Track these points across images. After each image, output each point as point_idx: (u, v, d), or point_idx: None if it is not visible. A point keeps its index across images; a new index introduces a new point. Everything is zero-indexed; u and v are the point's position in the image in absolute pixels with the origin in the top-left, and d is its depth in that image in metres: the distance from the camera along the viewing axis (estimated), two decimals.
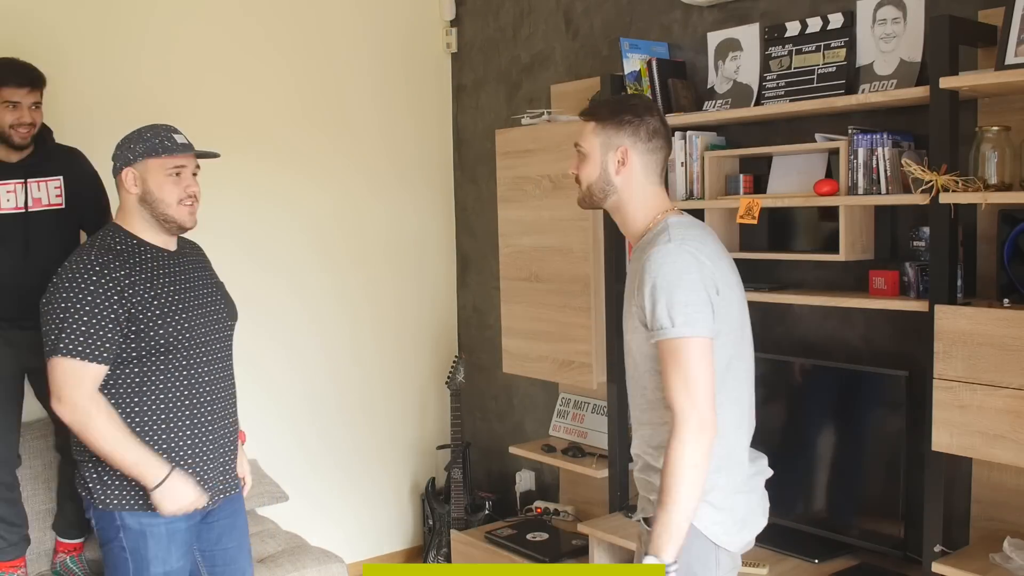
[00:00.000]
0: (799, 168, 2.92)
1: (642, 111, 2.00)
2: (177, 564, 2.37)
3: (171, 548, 2.34)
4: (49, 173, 2.99)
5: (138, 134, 2.32)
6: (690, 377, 1.83)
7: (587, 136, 2.02)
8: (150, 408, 2.28)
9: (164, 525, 2.31)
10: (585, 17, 3.80)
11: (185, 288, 2.36)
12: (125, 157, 2.30)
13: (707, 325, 1.85)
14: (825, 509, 2.94)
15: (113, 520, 2.31)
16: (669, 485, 1.82)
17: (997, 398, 2.27)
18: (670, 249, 1.88)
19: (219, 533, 2.50)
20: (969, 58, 2.54)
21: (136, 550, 2.31)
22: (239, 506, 2.55)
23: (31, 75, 2.90)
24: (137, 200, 2.31)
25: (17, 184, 2.93)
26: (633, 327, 1.96)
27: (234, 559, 2.54)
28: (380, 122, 4.27)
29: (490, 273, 4.30)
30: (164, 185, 2.28)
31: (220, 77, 3.80)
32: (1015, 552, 2.38)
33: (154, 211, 2.31)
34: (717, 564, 1.94)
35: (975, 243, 2.58)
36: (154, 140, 2.29)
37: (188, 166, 2.33)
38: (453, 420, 4.05)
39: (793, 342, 3.10)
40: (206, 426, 2.36)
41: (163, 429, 2.30)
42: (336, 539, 4.04)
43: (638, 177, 2.00)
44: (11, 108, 2.85)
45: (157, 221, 2.32)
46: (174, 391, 2.30)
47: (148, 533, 2.30)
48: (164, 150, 2.28)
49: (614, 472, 3.42)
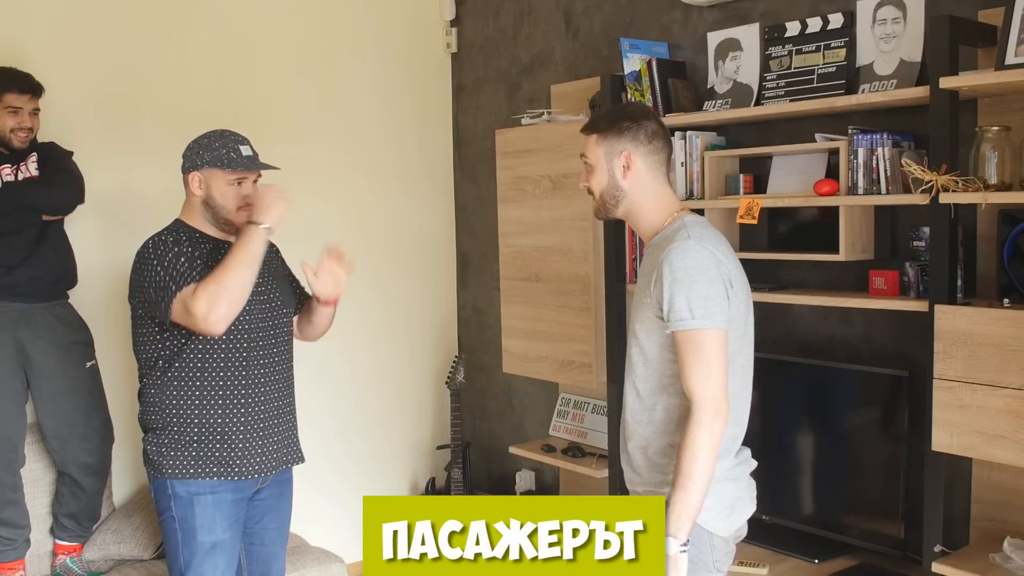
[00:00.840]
0: (799, 168, 2.92)
1: (638, 116, 2.11)
2: (224, 535, 2.45)
3: (216, 518, 2.44)
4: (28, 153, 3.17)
5: (208, 141, 2.45)
6: (709, 366, 1.93)
7: (591, 148, 2.13)
8: (210, 384, 2.42)
9: (210, 494, 2.43)
10: (585, 17, 3.80)
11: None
12: (193, 161, 2.45)
13: (724, 317, 1.95)
14: (825, 509, 2.94)
15: (166, 489, 2.44)
16: (688, 468, 1.90)
17: (997, 398, 2.27)
18: (690, 245, 1.97)
19: (263, 512, 2.60)
20: (969, 58, 2.54)
21: (184, 519, 2.43)
22: (286, 490, 2.66)
23: (31, 83, 3.10)
24: (201, 202, 2.46)
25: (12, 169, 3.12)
26: (644, 317, 2.04)
27: (272, 541, 2.64)
28: (380, 122, 4.26)
29: (490, 273, 4.30)
30: (226, 194, 2.44)
31: (219, 77, 3.80)
32: (1015, 552, 2.38)
33: (215, 215, 2.46)
34: (712, 548, 2.02)
35: (975, 243, 2.58)
36: (221, 151, 2.43)
37: (249, 176, 2.48)
38: (453, 420, 4.05)
39: (793, 342, 3.10)
40: (260, 405, 2.49)
41: (220, 405, 2.43)
42: (336, 539, 4.03)
43: (644, 178, 2.10)
44: (13, 114, 3.06)
45: (217, 222, 2.48)
46: (233, 370, 2.44)
47: (195, 502, 2.42)
48: (230, 163, 2.43)
49: (614, 472, 3.41)
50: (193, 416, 2.41)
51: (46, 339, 3.10)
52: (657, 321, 2.00)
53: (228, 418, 2.43)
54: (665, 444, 2.05)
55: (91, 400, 3.20)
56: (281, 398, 2.57)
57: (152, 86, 3.64)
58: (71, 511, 3.20)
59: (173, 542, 2.45)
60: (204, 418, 2.42)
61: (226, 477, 2.43)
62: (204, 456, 2.41)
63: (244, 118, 3.83)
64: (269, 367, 2.52)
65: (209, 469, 2.42)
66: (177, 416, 2.42)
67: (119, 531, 3.29)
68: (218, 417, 2.43)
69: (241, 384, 2.45)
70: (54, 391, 3.12)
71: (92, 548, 3.27)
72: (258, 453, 2.48)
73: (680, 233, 2.01)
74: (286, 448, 2.57)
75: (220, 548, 2.45)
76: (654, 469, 2.07)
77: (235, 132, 2.50)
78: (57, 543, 3.25)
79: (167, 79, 3.67)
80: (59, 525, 3.23)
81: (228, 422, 2.43)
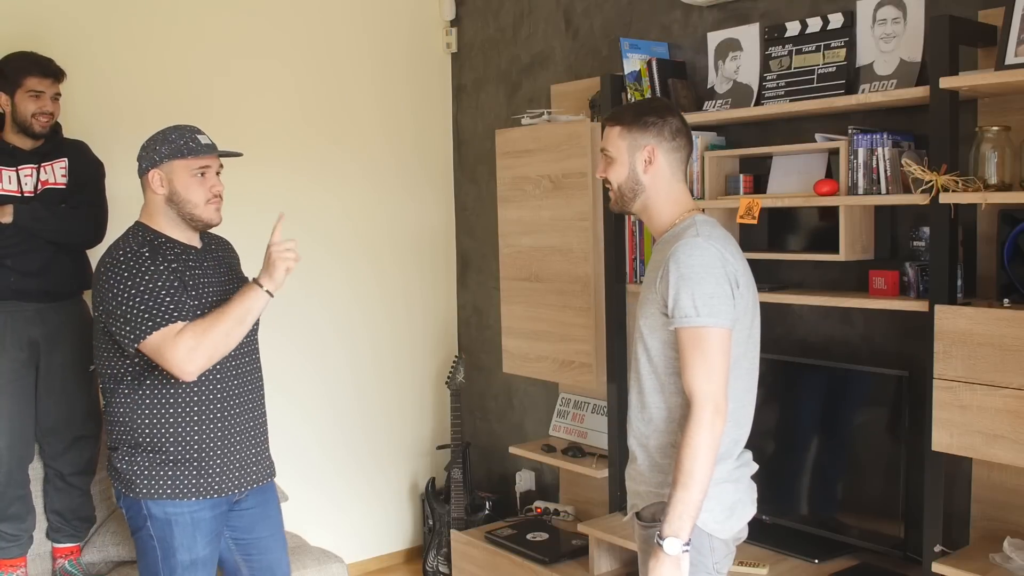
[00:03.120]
0: (799, 168, 2.92)
1: (664, 112, 2.10)
2: (203, 552, 2.40)
3: (196, 536, 2.38)
4: (57, 156, 3.14)
5: (163, 136, 2.36)
6: (711, 364, 1.92)
7: (613, 140, 2.11)
8: (184, 401, 2.34)
9: (188, 514, 2.36)
10: (585, 17, 3.80)
11: (211, 283, 2.42)
12: (151, 159, 2.35)
13: (729, 317, 1.94)
14: (825, 509, 2.94)
15: (140, 509, 2.36)
16: (688, 467, 1.89)
17: (997, 398, 2.27)
18: (699, 243, 1.97)
19: (251, 521, 2.54)
20: (969, 58, 2.54)
21: (163, 538, 2.36)
22: (270, 496, 2.60)
23: (53, 68, 3.09)
24: (164, 200, 2.35)
25: (33, 169, 3.09)
26: (649, 313, 2.03)
27: (269, 548, 2.58)
28: (380, 122, 4.27)
29: (490, 273, 4.30)
30: (190, 186, 2.34)
31: (218, 78, 3.80)
32: (1015, 552, 2.38)
33: (181, 211, 2.36)
34: (712, 550, 2.01)
35: (975, 243, 2.58)
36: (179, 142, 2.34)
37: (212, 166, 2.38)
38: (453, 420, 4.05)
39: (793, 342, 3.10)
40: (236, 419, 2.42)
41: (195, 422, 2.35)
42: (336, 539, 4.04)
43: (665, 174, 2.09)
44: (34, 98, 3.04)
45: (184, 220, 2.37)
46: (207, 385, 2.36)
47: (173, 521, 2.35)
48: (189, 151, 2.33)
49: (614, 472, 3.41)
50: (167, 435, 2.33)
51: (59, 339, 3.11)
52: (661, 318, 2.00)
53: (204, 435, 2.35)
54: (667, 443, 2.04)
55: (90, 402, 3.21)
56: (255, 410, 2.50)
57: (154, 85, 3.64)
58: (57, 508, 3.21)
59: (152, 559, 2.38)
60: (179, 436, 2.33)
61: (204, 496, 2.36)
62: (181, 476, 2.33)
63: (244, 118, 3.84)
64: (241, 377, 2.44)
65: (187, 490, 2.34)
66: (150, 435, 2.32)
67: (118, 533, 3.29)
68: (194, 435, 2.34)
69: (217, 399, 2.37)
70: (59, 389, 3.13)
71: (91, 551, 3.28)
72: (235, 469, 2.41)
73: (689, 231, 2.01)
74: (261, 462, 2.51)
75: (200, 564, 2.39)
76: (655, 469, 2.06)
77: (189, 124, 2.40)
78: (54, 546, 3.25)
79: (168, 78, 3.67)
80: (51, 526, 3.23)
81: (204, 440, 2.35)
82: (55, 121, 3.11)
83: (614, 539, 3.18)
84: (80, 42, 3.47)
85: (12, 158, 3.05)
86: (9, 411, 3.04)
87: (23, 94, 3.02)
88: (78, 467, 3.19)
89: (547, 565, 3.38)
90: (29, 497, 3.15)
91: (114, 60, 3.56)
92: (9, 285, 3.01)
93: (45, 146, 3.11)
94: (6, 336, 3.03)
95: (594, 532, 3.25)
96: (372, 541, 4.33)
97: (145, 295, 2.23)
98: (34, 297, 3.06)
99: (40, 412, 3.13)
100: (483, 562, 3.64)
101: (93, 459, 3.25)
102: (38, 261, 3.05)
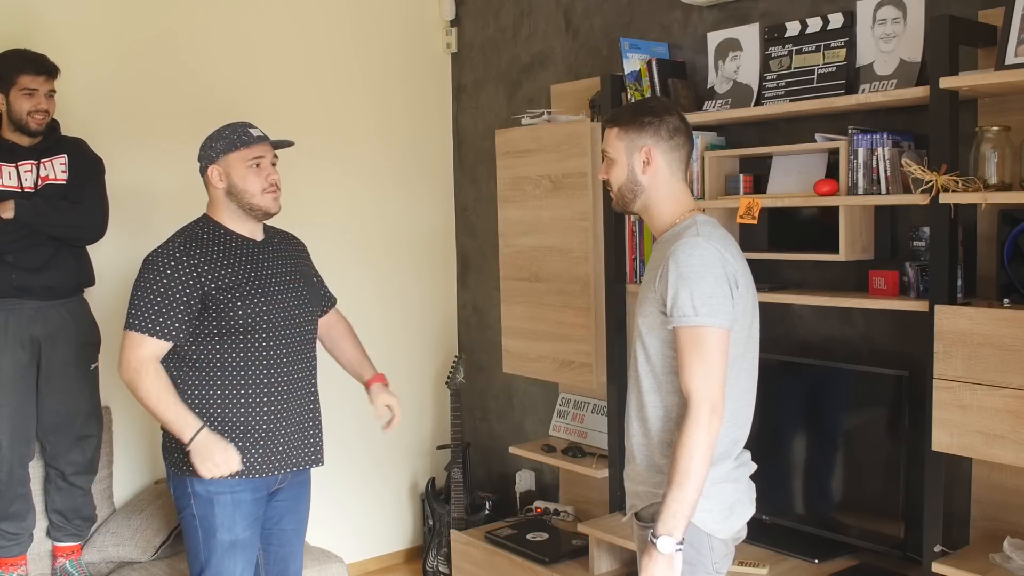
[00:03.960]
0: (799, 168, 2.92)
1: (661, 111, 2.09)
2: (243, 534, 2.48)
3: (236, 516, 2.46)
4: (56, 152, 3.15)
5: (216, 133, 2.51)
6: (709, 364, 1.91)
7: (612, 141, 2.12)
8: (231, 382, 2.44)
9: (229, 494, 2.44)
10: (585, 17, 3.80)
11: (267, 274, 2.52)
12: (208, 156, 2.49)
13: (727, 317, 1.94)
14: (825, 509, 2.94)
15: (185, 487, 2.46)
16: (684, 466, 1.89)
17: (997, 398, 2.27)
18: (698, 243, 1.96)
19: (281, 513, 2.63)
20: (969, 58, 2.54)
21: (204, 517, 2.45)
22: (304, 491, 2.68)
23: (47, 64, 3.08)
24: (224, 194, 2.49)
25: (33, 165, 3.09)
26: (648, 312, 2.03)
27: (290, 541, 2.67)
28: (380, 122, 4.27)
29: (490, 273, 4.30)
30: (247, 176, 2.47)
31: (218, 77, 3.80)
32: (1015, 552, 2.38)
33: (240, 202, 2.48)
34: (711, 550, 2.01)
35: (975, 243, 2.58)
36: (232, 136, 2.48)
37: (266, 156, 2.51)
38: (453, 420, 4.05)
39: (793, 342, 3.10)
40: (282, 403, 2.50)
41: (242, 403, 2.45)
42: (336, 539, 4.04)
43: (664, 174, 2.09)
44: (29, 96, 3.03)
45: (244, 211, 2.50)
46: (253, 368, 2.45)
47: (215, 500, 2.44)
48: (242, 143, 2.46)
49: (614, 472, 3.41)
50: (215, 414, 2.42)
51: (60, 337, 3.11)
52: (660, 317, 2.00)
53: (250, 415, 2.45)
54: (664, 442, 2.04)
55: (92, 401, 3.21)
56: (304, 396, 2.58)
57: (159, 84, 3.64)
58: (58, 507, 3.21)
59: (194, 539, 2.48)
60: (226, 415, 2.43)
61: (246, 476, 2.44)
62: None
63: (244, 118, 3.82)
64: (292, 364, 2.53)
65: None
66: (198, 413, 2.41)
67: (118, 533, 3.29)
68: (240, 415, 2.44)
69: (263, 381, 2.46)
70: (60, 388, 3.12)
71: (91, 550, 3.28)
72: (279, 451, 2.49)
73: (689, 230, 2.01)
74: (307, 447, 2.58)
75: (239, 546, 2.47)
76: (653, 469, 2.06)
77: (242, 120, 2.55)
78: (55, 545, 3.25)
79: (169, 78, 3.67)
80: (52, 525, 3.23)
81: (251, 419, 2.45)
82: (51, 118, 3.11)
83: (614, 539, 3.18)
84: (76, 39, 3.47)
85: (11, 154, 3.05)
86: (10, 409, 3.04)
87: (17, 92, 3.01)
88: (80, 467, 3.19)
89: (547, 565, 3.38)
90: (30, 496, 3.15)
91: (111, 57, 3.56)
92: (11, 282, 3.01)
93: (44, 142, 3.11)
94: (7, 334, 3.03)
95: (594, 532, 3.25)
96: (372, 541, 4.33)
97: (149, 294, 2.37)
98: (36, 294, 3.05)
99: (41, 411, 3.13)
100: (483, 562, 3.64)
101: (95, 459, 3.25)
102: (40, 258, 3.05)
